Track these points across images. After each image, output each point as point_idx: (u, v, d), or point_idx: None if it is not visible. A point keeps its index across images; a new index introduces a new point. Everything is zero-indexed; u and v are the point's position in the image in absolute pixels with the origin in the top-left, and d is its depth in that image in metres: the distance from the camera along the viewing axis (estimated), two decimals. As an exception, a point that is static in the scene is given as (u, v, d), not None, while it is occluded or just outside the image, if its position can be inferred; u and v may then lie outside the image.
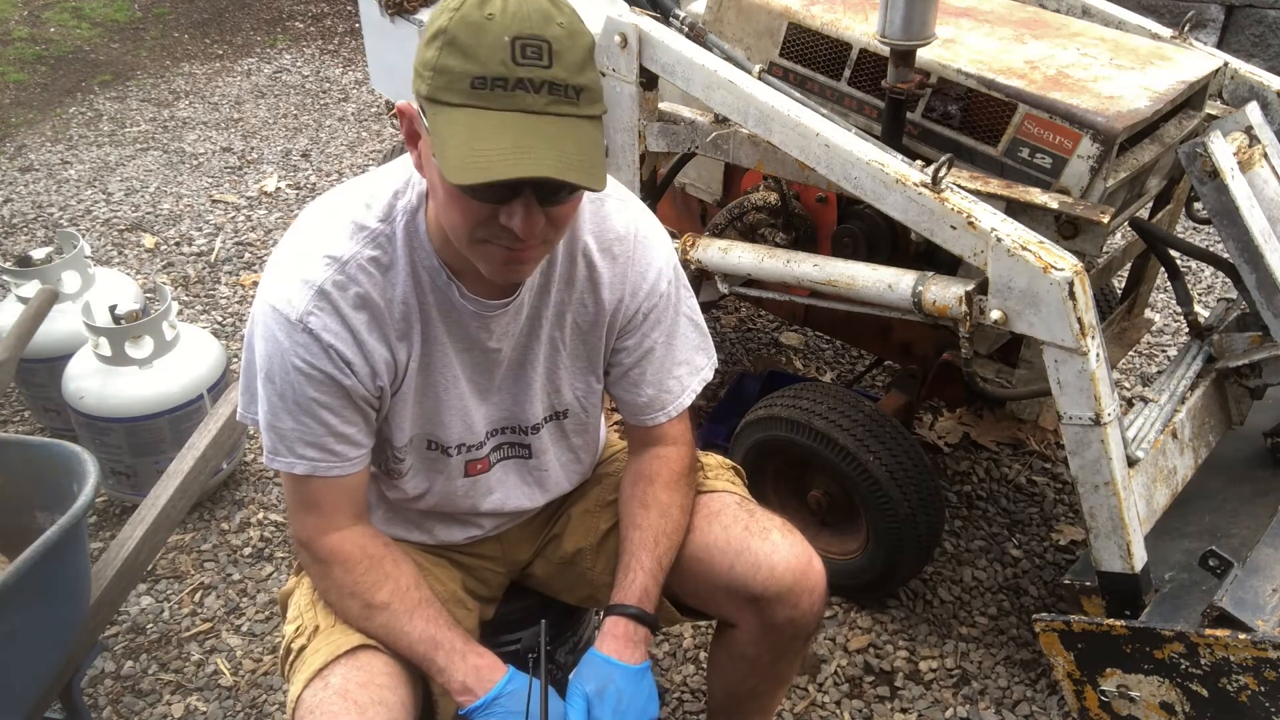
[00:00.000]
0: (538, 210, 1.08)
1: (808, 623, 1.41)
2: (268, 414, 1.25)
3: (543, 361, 1.36)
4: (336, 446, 1.26)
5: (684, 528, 1.43)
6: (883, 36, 1.86)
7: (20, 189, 4.17)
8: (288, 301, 1.20)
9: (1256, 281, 1.87)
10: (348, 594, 1.30)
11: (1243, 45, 4.50)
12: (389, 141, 4.53)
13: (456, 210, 1.09)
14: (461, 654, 1.28)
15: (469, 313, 1.27)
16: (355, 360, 1.22)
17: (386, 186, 1.25)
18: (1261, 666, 1.53)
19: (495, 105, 1.01)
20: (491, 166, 1.00)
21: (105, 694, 2.07)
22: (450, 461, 1.39)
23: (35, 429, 2.82)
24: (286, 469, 1.26)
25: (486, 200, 1.07)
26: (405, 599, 1.29)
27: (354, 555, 1.30)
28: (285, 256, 1.23)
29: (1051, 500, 2.56)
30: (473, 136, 1.01)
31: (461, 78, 1.01)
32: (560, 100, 1.03)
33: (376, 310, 1.23)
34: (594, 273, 1.33)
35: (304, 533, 1.32)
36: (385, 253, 1.22)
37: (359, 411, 1.27)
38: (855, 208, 2.15)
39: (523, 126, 1.02)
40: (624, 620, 1.34)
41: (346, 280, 1.21)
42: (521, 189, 1.06)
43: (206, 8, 6.25)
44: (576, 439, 1.49)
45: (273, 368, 1.22)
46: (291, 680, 1.30)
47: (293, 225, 1.27)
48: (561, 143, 1.02)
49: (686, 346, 1.44)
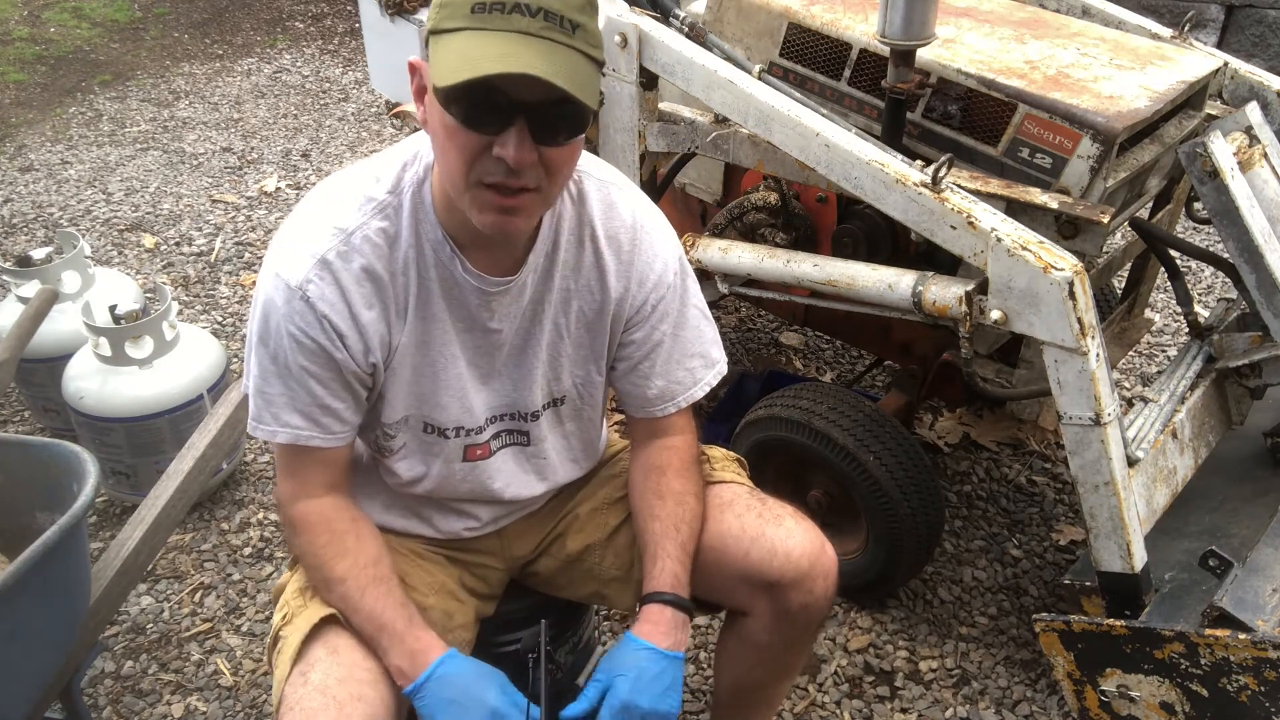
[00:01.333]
0: (530, 143, 1.08)
1: (822, 608, 1.42)
2: (257, 378, 1.26)
3: (545, 347, 1.36)
4: (322, 418, 1.27)
5: (700, 515, 1.43)
6: (883, 36, 1.86)
7: (20, 189, 4.17)
8: (290, 268, 1.21)
9: (1256, 281, 1.87)
10: (311, 564, 1.32)
11: (1243, 45, 4.50)
12: (389, 141, 4.53)
13: (452, 147, 1.10)
14: (400, 637, 1.26)
15: (471, 288, 1.27)
16: (348, 333, 1.23)
17: (395, 160, 1.27)
18: (1261, 666, 1.53)
19: (491, 26, 1.04)
20: (479, 65, 1.02)
21: (105, 694, 2.07)
22: (448, 444, 1.38)
23: (35, 429, 2.82)
24: (269, 437, 1.28)
25: (479, 128, 1.07)
26: (360, 576, 1.29)
27: (317, 525, 1.31)
28: (294, 226, 1.25)
29: (1051, 500, 2.56)
30: (466, 48, 1.04)
31: (463, 5, 1.04)
32: (555, 28, 1.05)
33: (380, 282, 1.24)
34: (600, 260, 1.34)
35: (281, 494, 1.35)
36: (392, 223, 1.24)
37: (348, 388, 1.27)
38: (855, 208, 2.16)
39: (515, 40, 1.04)
40: (658, 606, 1.34)
41: (350, 251, 1.22)
42: (514, 117, 1.07)
43: (206, 8, 6.26)
44: (571, 425, 1.49)
45: (267, 331, 1.24)
46: (276, 666, 1.30)
47: (304, 197, 1.29)
48: (551, 57, 1.04)
49: (698, 339, 1.44)
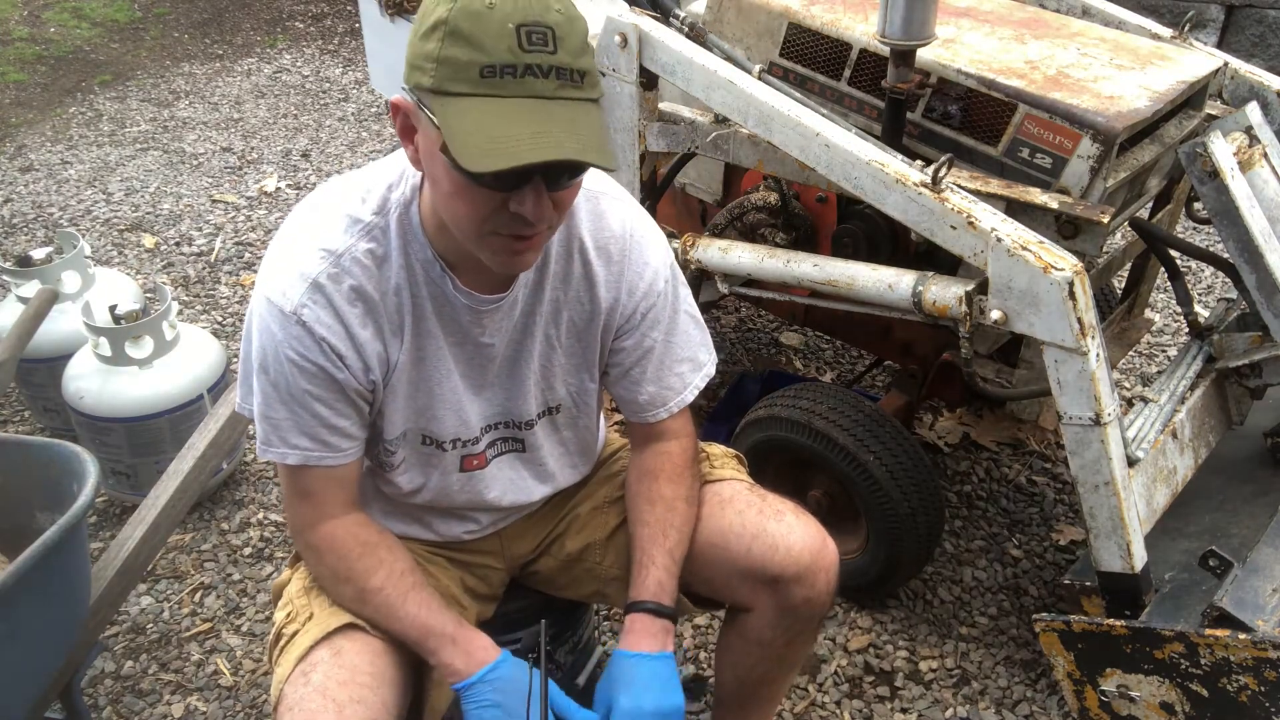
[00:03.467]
0: (546, 195, 1.09)
1: (824, 602, 1.43)
2: (261, 404, 1.26)
3: (537, 359, 1.37)
4: (329, 438, 1.27)
5: (692, 519, 1.44)
6: (883, 36, 1.86)
7: (20, 189, 4.17)
8: (282, 294, 1.20)
9: (1256, 281, 1.87)
10: (342, 580, 1.31)
11: (1243, 45, 4.49)
12: (389, 141, 4.53)
13: (464, 203, 1.10)
14: (452, 639, 1.28)
15: (462, 306, 1.27)
16: (347, 354, 1.23)
17: (380, 180, 1.26)
18: (1261, 666, 1.53)
19: (507, 93, 1.02)
20: (516, 153, 1.00)
21: (105, 694, 2.07)
22: (445, 456, 1.39)
23: (35, 429, 2.82)
24: (279, 459, 1.27)
25: (497, 189, 1.07)
26: (399, 584, 1.30)
27: (347, 543, 1.31)
28: (281, 250, 1.24)
29: (1051, 500, 2.56)
30: (489, 124, 1.02)
31: (469, 67, 1.01)
32: (567, 84, 1.04)
33: (371, 303, 1.24)
34: (590, 271, 1.33)
35: (298, 521, 1.33)
36: (380, 245, 1.23)
37: (351, 405, 1.27)
38: (855, 208, 2.15)
39: (537, 112, 1.02)
40: (642, 615, 1.36)
41: (341, 273, 1.21)
42: (532, 175, 1.06)
43: (206, 8, 6.26)
44: (568, 432, 1.49)
45: (266, 359, 1.23)
46: (278, 664, 1.30)
47: (288, 219, 1.27)
48: (575, 126, 1.03)
49: (688, 344, 1.44)
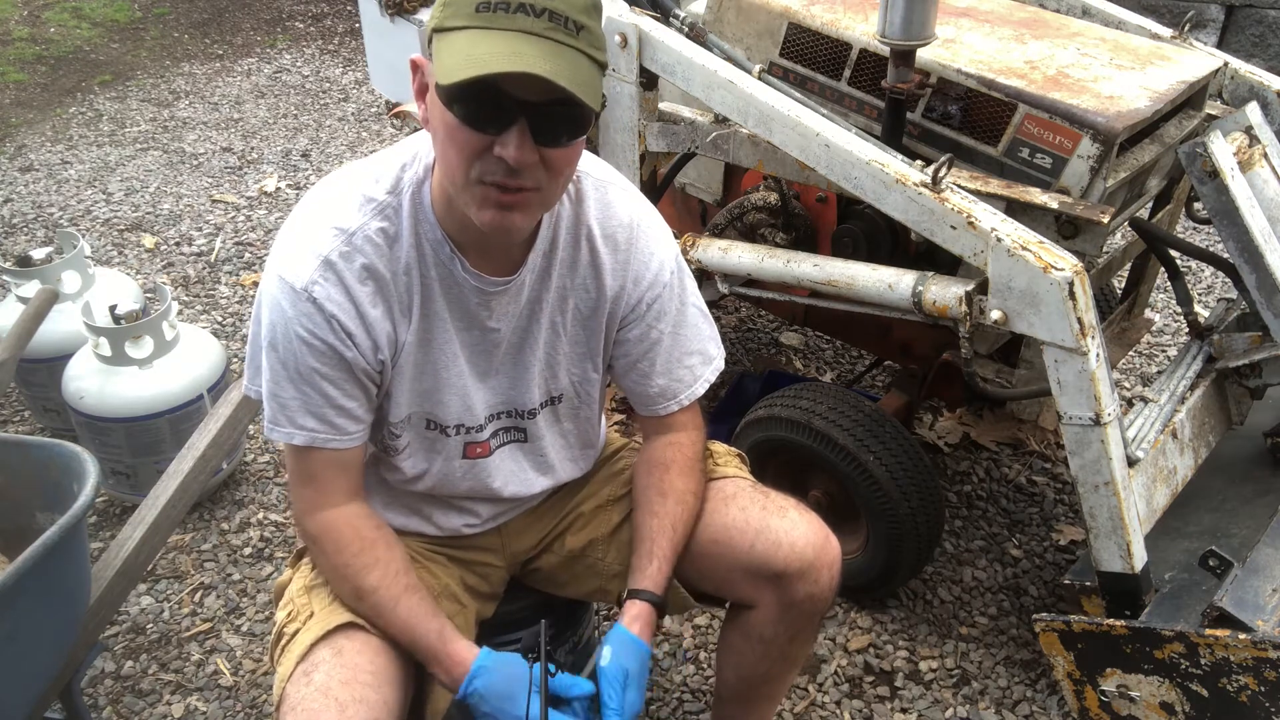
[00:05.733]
0: (531, 144, 1.09)
1: (826, 598, 1.43)
2: (270, 382, 1.27)
3: (542, 345, 1.37)
4: (336, 419, 1.27)
5: (697, 514, 1.45)
6: (883, 37, 1.86)
7: (20, 189, 4.17)
8: (294, 271, 1.21)
9: (1256, 281, 1.87)
10: (339, 575, 1.32)
11: (1243, 45, 4.50)
12: (389, 142, 4.53)
13: (453, 146, 1.10)
14: (435, 654, 1.29)
15: (470, 288, 1.28)
16: (357, 332, 1.24)
17: (395, 160, 1.27)
18: (1261, 666, 1.53)
19: (495, 25, 1.04)
20: (483, 63, 1.02)
21: (105, 694, 2.07)
22: (449, 442, 1.39)
23: (35, 429, 2.82)
24: (286, 439, 1.28)
25: (481, 128, 1.08)
26: (392, 586, 1.30)
27: (346, 535, 1.31)
28: (294, 228, 1.25)
29: (1051, 500, 2.56)
30: (469, 47, 1.04)
31: (467, 3, 1.05)
32: (559, 29, 1.05)
33: (382, 281, 1.24)
34: (596, 258, 1.35)
35: (300, 505, 1.34)
36: (392, 224, 1.24)
37: (359, 385, 1.28)
38: (855, 208, 2.15)
39: (520, 39, 1.04)
40: (647, 605, 1.37)
41: (353, 251, 1.22)
42: (516, 117, 1.07)
43: (206, 8, 6.26)
44: (569, 423, 1.50)
45: (276, 335, 1.24)
46: (279, 664, 1.30)
47: (303, 199, 1.29)
48: (555, 58, 1.04)
49: (697, 336, 1.45)
